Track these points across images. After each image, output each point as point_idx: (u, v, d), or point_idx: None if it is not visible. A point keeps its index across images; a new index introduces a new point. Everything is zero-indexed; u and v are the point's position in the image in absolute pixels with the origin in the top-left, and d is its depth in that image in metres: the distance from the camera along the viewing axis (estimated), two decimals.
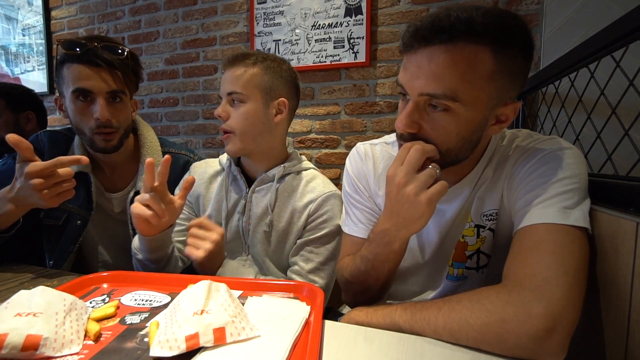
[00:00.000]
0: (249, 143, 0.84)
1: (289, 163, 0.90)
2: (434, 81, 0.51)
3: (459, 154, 0.58)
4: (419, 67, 0.53)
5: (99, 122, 0.85)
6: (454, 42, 0.50)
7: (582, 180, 0.55)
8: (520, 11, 1.43)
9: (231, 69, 0.83)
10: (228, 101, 0.84)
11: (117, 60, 0.86)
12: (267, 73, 0.84)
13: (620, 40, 0.62)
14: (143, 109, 2.16)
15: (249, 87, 0.82)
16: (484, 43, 0.50)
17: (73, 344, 0.43)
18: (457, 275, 0.69)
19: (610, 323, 0.53)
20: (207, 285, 0.48)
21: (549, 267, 0.47)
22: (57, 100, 0.92)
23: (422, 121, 0.56)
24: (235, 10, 1.89)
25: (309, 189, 0.88)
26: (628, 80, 0.65)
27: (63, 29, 2.32)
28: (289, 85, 0.88)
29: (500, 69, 0.51)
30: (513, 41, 0.51)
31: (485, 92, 0.52)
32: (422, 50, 0.52)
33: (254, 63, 0.83)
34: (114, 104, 0.88)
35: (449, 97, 0.51)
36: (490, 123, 0.57)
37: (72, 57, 0.84)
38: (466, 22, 0.49)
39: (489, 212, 0.65)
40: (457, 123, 0.54)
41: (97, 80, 0.84)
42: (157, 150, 1.00)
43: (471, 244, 0.67)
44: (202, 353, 0.41)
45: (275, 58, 0.87)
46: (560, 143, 0.59)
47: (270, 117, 0.86)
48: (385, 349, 0.46)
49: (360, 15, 1.63)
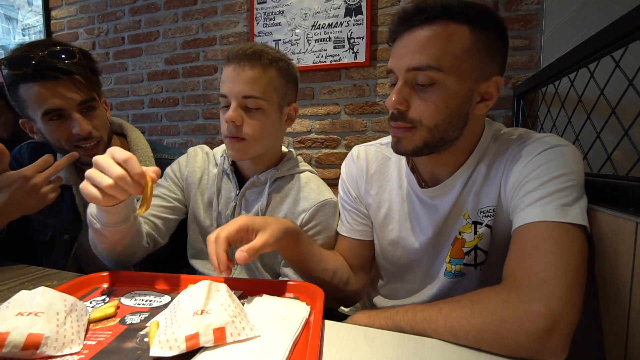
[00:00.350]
0: (259, 150, 0.78)
1: (283, 165, 0.84)
2: (418, 54, 0.57)
3: (448, 129, 0.60)
4: (405, 47, 0.59)
5: (79, 136, 0.80)
6: (434, 21, 0.57)
7: (579, 177, 0.55)
8: (520, 11, 1.43)
9: (243, 68, 0.72)
10: (240, 104, 0.73)
11: (72, 66, 0.78)
12: (283, 76, 0.76)
13: (620, 40, 0.63)
14: (143, 109, 2.17)
15: (268, 91, 0.74)
16: (462, 22, 0.56)
17: (74, 344, 0.43)
18: (455, 272, 0.69)
19: (610, 323, 0.53)
20: (207, 285, 0.48)
21: (548, 266, 0.47)
22: (24, 124, 0.84)
23: (411, 99, 0.60)
24: (235, 10, 1.89)
25: (302, 195, 0.81)
26: (628, 80, 0.65)
27: (63, 29, 2.32)
28: (296, 88, 0.83)
29: (477, 44, 0.57)
30: (488, 23, 0.58)
31: (466, 63, 0.57)
32: (406, 32, 0.59)
33: (270, 63, 0.74)
34: (89, 113, 0.82)
35: (433, 67, 0.56)
36: (476, 100, 0.61)
37: (24, 77, 0.75)
38: (444, 5, 0.57)
39: (486, 208, 0.65)
40: (445, 95, 0.58)
41: (62, 96, 0.77)
42: (148, 156, 0.96)
43: (468, 240, 0.67)
44: (202, 353, 0.41)
45: (284, 57, 0.78)
46: (556, 140, 0.59)
47: (282, 123, 0.81)
48: (385, 349, 0.46)
49: (360, 15, 1.63)
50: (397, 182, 0.75)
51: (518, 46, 1.43)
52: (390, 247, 0.76)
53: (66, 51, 0.79)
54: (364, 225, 0.79)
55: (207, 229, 0.86)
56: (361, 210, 0.79)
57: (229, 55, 0.74)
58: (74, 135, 0.80)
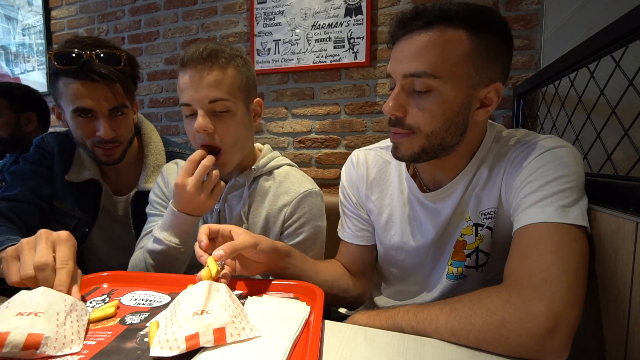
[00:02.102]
0: (239, 156, 0.77)
1: (259, 164, 0.82)
2: (414, 61, 0.57)
3: (446, 136, 0.60)
4: (402, 52, 0.59)
5: (101, 139, 0.83)
6: (431, 26, 0.56)
7: (580, 178, 0.55)
8: (520, 11, 1.43)
9: (202, 71, 0.69)
10: (207, 111, 0.70)
11: (115, 73, 0.81)
12: (242, 73, 0.74)
13: (620, 40, 0.62)
14: (143, 109, 2.17)
15: (233, 92, 0.71)
16: (459, 26, 0.55)
17: (73, 344, 0.43)
18: (457, 274, 0.69)
19: (610, 323, 0.53)
20: (207, 285, 0.48)
21: (549, 266, 0.47)
22: (54, 109, 0.89)
23: (408, 106, 0.60)
24: (235, 10, 1.89)
25: (282, 190, 0.79)
26: (628, 80, 0.65)
27: (63, 29, 2.32)
28: (255, 83, 0.80)
29: (476, 49, 0.56)
30: (488, 26, 0.56)
31: (463, 70, 0.56)
32: (404, 38, 0.59)
33: (228, 62, 0.71)
34: (116, 117, 0.86)
35: (429, 75, 0.56)
36: (475, 107, 0.60)
37: (66, 72, 0.79)
38: (442, 9, 0.56)
39: (487, 210, 0.65)
40: (441, 103, 0.57)
41: (96, 98, 0.80)
42: (160, 150, 1.00)
43: (470, 242, 0.67)
44: (202, 353, 0.41)
45: (239, 53, 0.75)
46: (557, 141, 0.59)
47: (251, 121, 0.79)
48: (385, 349, 0.46)
49: (360, 15, 1.63)
50: (398, 186, 0.74)
51: (518, 46, 1.43)
52: (392, 252, 0.76)
53: (113, 56, 0.83)
54: (365, 230, 0.78)
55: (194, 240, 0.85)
56: (362, 216, 0.78)
57: (184, 60, 0.71)
58: (96, 136, 0.84)
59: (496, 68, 0.59)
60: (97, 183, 0.93)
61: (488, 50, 0.56)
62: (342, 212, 0.82)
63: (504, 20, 0.58)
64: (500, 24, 0.58)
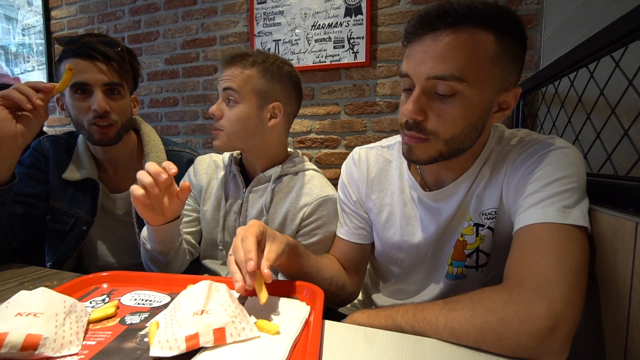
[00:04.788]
0: (236, 143, 0.83)
1: (287, 164, 0.88)
2: (441, 63, 0.53)
3: (464, 140, 0.59)
4: (425, 52, 0.54)
5: (96, 113, 0.85)
6: (458, 25, 0.52)
7: (581, 179, 0.55)
8: (520, 11, 1.43)
9: (229, 67, 0.81)
10: (224, 99, 0.82)
11: (112, 52, 0.86)
12: (264, 76, 0.81)
13: (620, 40, 0.63)
14: (143, 109, 2.17)
15: (245, 88, 0.80)
16: (487, 28, 0.53)
17: (72, 345, 0.43)
18: (457, 274, 0.69)
19: (610, 323, 0.53)
20: (207, 285, 0.48)
21: (549, 266, 0.47)
22: (58, 100, 0.92)
23: (428, 109, 0.57)
24: (235, 10, 1.89)
25: (305, 191, 0.84)
26: (627, 81, 0.65)
27: (63, 29, 2.32)
28: (287, 89, 0.85)
29: (502, 53, 0.53)
30: (512, 29, 0.54)
31: (490, 74, 0.54)
32: (427, 36, 0.54)
33: (252, 64, 0.80)
34: (112, 96, 0.88)
35: (456, 78, 0.53)
36: (494, 110, 0.58)
37: (67, 52, 0.85)
38: (469, 8, 0.52)
39: (488, 210, 0.65)
40: (464, 108, 0.55)
41: (93, 72, 0.84)
42: (159, 148, 1.00)
43: (470, 242, 0.67)
44: (202, 353, 0.41)
45: (276, 60, 0.83)
46: (559, 142, 0.59)
47: (264, 120, 0.83)
48: (385, 349, 0.46)
49: (360, 15, 1.63)
50: (399, 185, 0.74)
51: None
52: (392, 250, 0.76)
53: (112, 41, 0.89)
54: (362, 229, 0.78)
55: (215, 229, 0.90)
56: (361, 214, 0.78)
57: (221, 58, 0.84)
58: (92, 111, 0.86)
59: (517, 71, 0.57)
60: (95, 182, 0.94)
61: (512, 54, 0.55)
62: (340, 209, 0.82)
63: (522, 22, 0.56)
64: (521, 26, 0.56)
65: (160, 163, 0.99)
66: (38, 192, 0.91)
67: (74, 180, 0.92)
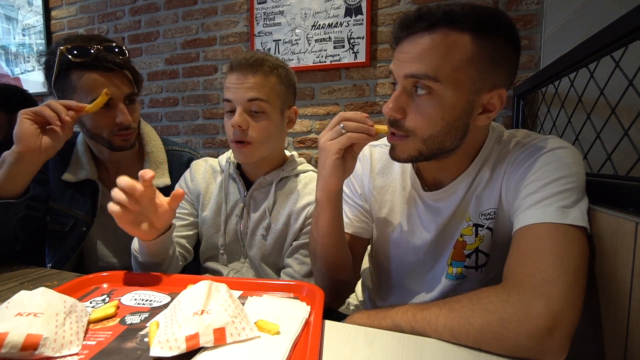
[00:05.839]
0: (264, 152, 0.83)
1: (288, 166, 0.89)
2: (416, 63, 0.56)
3: (444, 140, 0.59)
4: (405, 53, 0.58)
5: (121, 126, 0.86)
6: (434, 28, 0.55)
7: (580, 179, 0.55)
8: (520, 11, 1.43)
9: (246, 75, 0.77)
10: (245, 109, 0.78)
11: (124, 61, 0.86)
12: (282, 81, 0.82)
13: (620, 40, 0.63)
14: (143, 109, 2.17)
15: (271, 96, 0.79)
16: (463, 29, 0.54)
17: (72, 345, 0.43)
18: (456, 275, 0.69)
19: (610, 323, 0.53)
20: (207, 285, 0.48)
21: (548, 266, 0.47)
22: None
23: (408, 108, 0.59)
24: (235, 10, 1.89)
25: (307, 191, 0.86)
26: (627, 81, 0.65)
27: (63, 29, 2.32)
28: (294, 92, 0.88)
29: (480, 54, 0.54)
30: (493, 30, 0.55)
31: (466, 75, 0.55)
32: (407, 39, 0.58)
33: (271, 70, 0.79)
34: (130, 105, 0.89)
35: (430, 77, 0.55)
36: (477, 112, 0.59)
37: (82, 65, 0.82)
38: (445, 11, 0.54)
39: (488, 211, 0.65)
40: (441, 107, 0.56)
41: (113, 86, 0.84)
42: (159, 147, 1.01)
43: (470, 242, 0.67)
44: (202, 353, 0.41)
45: (283, 64, 0.84)
46: (558, 142, 0.59)
47: (284, 126, 0.86)
48: (385, 349, 0.46)
49: (360, 15, 1.63)
50: (401, 183, 0.74)
51: None
52: (390, 247, 0.76)
53: (119, 48, 0.88)
54: (364, 222, 0.79)
55: (216, 233, 0.90)
56: (364, 207, 0.79)
57: (232, 64, 0.80)
58: (116, 124, 0.86)
59: (501, 73, 0.57)
60: (94, 183, 0.94)
61: (493, 55, 0.55)
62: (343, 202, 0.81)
63: (512, 22, 0.56)
64: (507, 27, 0.56)
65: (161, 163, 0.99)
66: (38, 194, 0.90)
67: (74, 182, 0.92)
